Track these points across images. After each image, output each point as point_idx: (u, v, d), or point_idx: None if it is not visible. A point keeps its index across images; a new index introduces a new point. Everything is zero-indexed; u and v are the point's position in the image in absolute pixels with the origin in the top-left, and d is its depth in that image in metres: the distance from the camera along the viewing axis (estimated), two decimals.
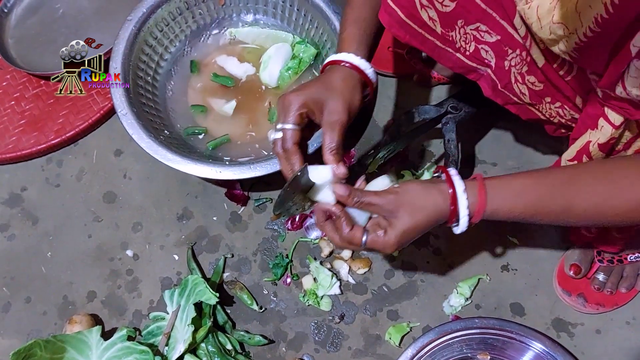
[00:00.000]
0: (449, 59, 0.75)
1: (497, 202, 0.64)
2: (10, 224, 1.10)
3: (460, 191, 0.65)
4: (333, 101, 0.70)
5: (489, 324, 0.90)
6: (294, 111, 0.69)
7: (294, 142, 0.70)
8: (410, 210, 0.65)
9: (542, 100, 0.75)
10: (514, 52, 0.70)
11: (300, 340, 0.97)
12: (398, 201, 0.65)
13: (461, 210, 0.65)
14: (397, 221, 0.65)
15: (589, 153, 0.67)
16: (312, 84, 0.72)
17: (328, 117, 0.70)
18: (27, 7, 1.28)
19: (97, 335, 0.91)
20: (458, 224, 0.66)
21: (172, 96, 1.13)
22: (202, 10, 1.14)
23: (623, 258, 0.93)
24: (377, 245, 0.66)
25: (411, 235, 0.66)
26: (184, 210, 1.08)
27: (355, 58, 0.73)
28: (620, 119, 0.61)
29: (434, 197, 0.65)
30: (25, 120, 1.17)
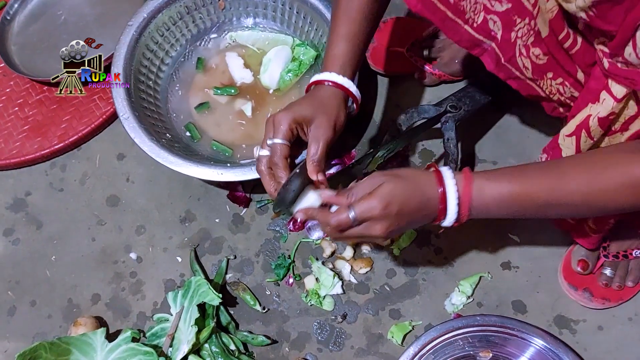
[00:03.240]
0: (457, 31, 0.75)
1: (482, 182, 0.65)
2: (14, 229, 1.11)
3: (444, 168, 0.67)
4: (320, 118, 0.74)
5: (491, 321, 0.91)
6: (285, 127, 0.73)
7: (284, 157, 0.73)
8: (395, 175, 0.66)
9: (543, 76, 0.75)
10: (523, 20, 0.71)
11: (303, 340, 0.98)
12: (383, 175, 0.67)
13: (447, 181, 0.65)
14: (381, 185, 0.65)
15: (588, 128, 0.67)
16: (300, 102, 0.76)
17: (315, 132, 0.74)
18: (30, 14, 1.30)
19: (101, 337, 0.92)
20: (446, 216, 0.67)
21: (173, 99, 1.14)
22: (202, 14, 1.15)
23: (628, 253, 0.94)
24: (365, 209, 0.64)
25: (399, 198, 0.64)
26: (187, 212, 1.09)
27: (338, 77, 0.77)
28: (623, 92, 0.61)
29: (420, 174, 0.67)
30: (29, 125, 1.18)
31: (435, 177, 0.66)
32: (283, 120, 0.73)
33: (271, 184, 0.74)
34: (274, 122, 0.74)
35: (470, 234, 1.03)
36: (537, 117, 1.09)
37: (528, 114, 1.11)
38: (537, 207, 0.65)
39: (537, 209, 0.66)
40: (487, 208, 0.66)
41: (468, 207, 0.66)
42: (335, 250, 1.03)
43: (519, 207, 0.66)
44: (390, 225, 0.66)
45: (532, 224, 1.03)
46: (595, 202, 0.63)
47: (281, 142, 0.73)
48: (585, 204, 0.64)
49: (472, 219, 0.69)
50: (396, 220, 0.66)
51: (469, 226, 1.02)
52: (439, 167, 0.67)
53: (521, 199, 0.65)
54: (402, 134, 1.01)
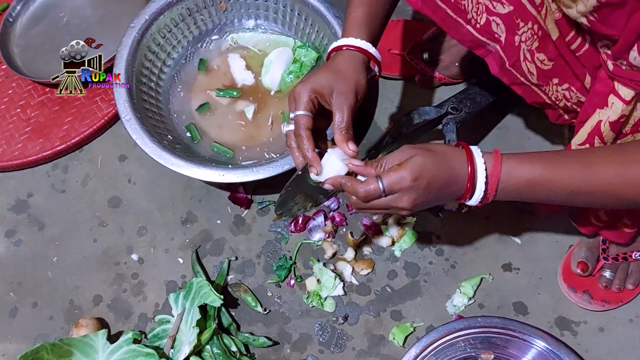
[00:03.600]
0: (459, 31, 0.75)
1: (512, 164, 0.63)
2: (16, 230, 1.11)
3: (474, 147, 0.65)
4: (340, 84, 0.71)
5: (492, 322, 0.91)
6: (305, 98, 0.71)
7: (306, 128, 0.70)
8: (427, 149, 0.64)
9: (549, 82, 0.75)
10: (526, 25, 0.70)
11: (305, 342, 0.98)
12: (415, 148, 0.65)
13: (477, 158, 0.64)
14: (412, 158, 0.63)
15: (600, 134, 0.66)
16: (318, 71, 0.74)
17: (337, 100, 0.71)
18: (32, 17, 1.30)
19: (103, 338, 0.92)
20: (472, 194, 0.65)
21: (175, 101, 1.14)
22: (203, 16, 1.15)
23: (628, 256, 0.94)
24: (394, 180, 0.63)
25: (428, 173, 0.63)
26: (188, 214, 1.09)
27: (356, 41, 0.75)
28: (631, 94, 0.61)
29: (452, 151, 0.65)
30: (31, 127, 1.18)
31: (465, 154, 0.65)
32: (302, 92, 0.71)
33: (300, 159, 0.72)
34: (295, 96, 0.72)
35: (471, 235, 1.03)
36: (538, 119, 1.09)
37: (529, 115, 1.12)
38: (565, 194, 0.64)
39: (565, 195, 0.64)
40: (515, 190, 0.65)
41: (495, 187, 0.64)
42: (337, 251, 1.03)
43: (547, 192, 0.64)
44: (417, 197, 0.64)
45: (533, 226, 1.03)
46: (625, 194, 0.61)
47: (302, 113, 0.70)
48: (613, 195, 0.62)
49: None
50: (424, 193, 0.64)
51: (470, 227, 1.03)
52: (470, 146, 0.66)
53: (550, 185, 0.63)
54: (403, 135, 1.01)
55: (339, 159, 0.69)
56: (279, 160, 0.96)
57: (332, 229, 1.04)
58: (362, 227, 1.04)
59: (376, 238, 1.04)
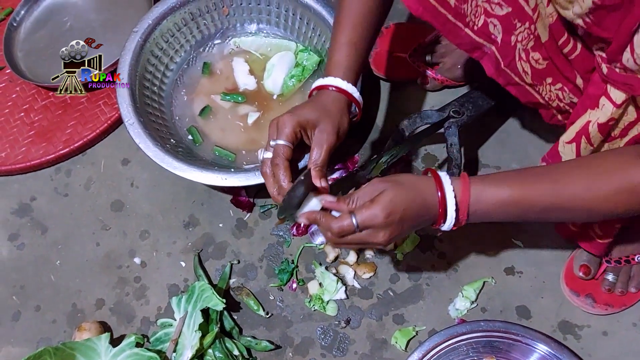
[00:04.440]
0: (457, 34, 0.76)
1: (481, 187, 0.65)
2: (19, 234, 1.11)
3: (443, 174, 0.67)
4: (325, 122, 0.75)
5: (495, 326, 0.91)
6: (288, 130, 0.73)
7: (285, 158, 0.73)
8: (397, 182, 0.67)
9: (542, 81, 0.76)
10: (523, 25, 0.71)
11: (307, 345, 0.98)
12: (384, 179, 0.68)
13: (446, 186, 0.66)
14: (382, 193, 0.66)
15: (587, 134, 0.67)
16: (304, 106, 0.76)
17: (318, 137, 0.74)
18: (36, 21, 1.31)
19: (105, 342, 0.92)
20: (445, 220, 0.67)
21: (177, 105, 1.14)
22: (206, 20, 1.16)
23: (630, 259, 0.93)
24: (367, 216, 0.65)
25: (400, 206, 0.65)
26: (191, 217, 1.10)
27: (342, 82, 0.78)
28: (623, 97, 0.61)
29: (420, 180, 0.68)
30: (34, 131, 1.19)
31: (434, 183, 0.67)
32: (287, 122, 0.73)
33: (274, 186, 0.75)
34: (278, 125, 0.74)
35: (473, 239, 1.03)
36: (540, 122, 1.08)
37: (530, 118, 1.11)
38: (536, 212, 0.66)
39: (536, 213, 0.66)
40: (486, 213, 0.67)
41: (466, 211, 0.67)
42: (339, 255, 1.03)
43: (518, 211, 0.66)
44: (392, 232, 0.67)
45: (535, 229, 1.03)
46: (594, 207, 0.63)
47: (284, 144, 0.73)
48: (584, 209, 0.64)
49: (474, 223, 0.69)
50: (398, 226, 0.66)
51: (472, 231, 1.03)
52: (438, 172, 0.68)
53: (520, 204, 0.65)
54: (406, 139, 1.01)
55: (314, 196, 0.72)
56: None
57: None
58: None
59: None
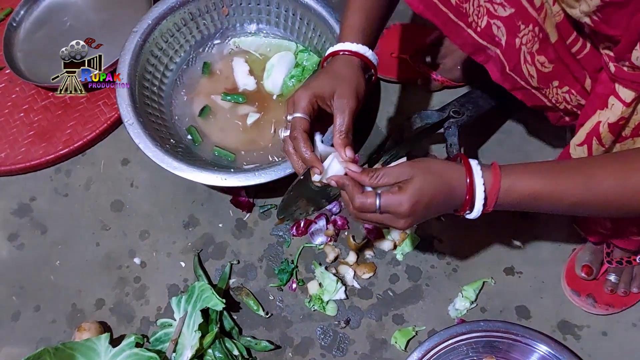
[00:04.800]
0: (460, 34, 0.75)
1: (512, 179, 0.63)
2: (19, 234, 1.11)
3: (474, 163, 0.65)
4: (340, 88, 0.72)
5: (495, 326, 0.91)
6: (304, 102, 0.71)
7: (303, 130, 0.70)
8: (427, 171, 0.64)
9: (549, 84, 0.75)
10: (527, 27, 0.70)
11: (307, 346, 0.98)
12: (413, 165, 0.65)
13: (476, 179, 0.64)
14: (412, 181, 0.64)
15: (598, 135, 0.66)
16: (318, 77, 0.74)
17: (338, 103, 0.72)
18: (35, 21, 1.31)
19: (105, 342, 0.92)
20: (472, 208, 0.65)
21: (177, 105, 1.14)
22: (206, 20, 1.16)
23: (632, 259, 0.93)
24: (392, 203, 0.64)
25: (427, 197, 0.63)
26: (190, 217, 1.10)
27: (352, 45, 0.76)
28: (632, 96, 0.61)
29: (450, 169, 0.65)
30: (34, 131, 1.19)
31: (465, 174, 0.64)
32: (302, 95, 0.71)
33: (299, 164, 0.72)
34: (294, 100, 0.72)
35: (473, 239, 1.03)
36: (540, 122, 1.09)
37: (530, 118, 1.11)
38: (567, 205, 0.64)
39: (566, 207, 0.64)
40: (514, 204, 0.65)
41: (494, 202, 0.64)
42: (339, 255, 1.03)
43: (548, 204, 0.64)
44: (414, 220, 0.65)
45: (535, 229, 1.03)
46: (626, 203, 0.62)
47: (300, 116, 0.71)
48: (615, 205, 0.62)
49: (476, 220, 0.68)
50: (421, 215, 0.65)
51: (472, 231, 1.03)
52: (470, 160, 0.65)
53: (551, 198, 0.63)
54: (406, 139, 1.01)
55: (339, 161, 0.69)
56: (280, 164, 0.96)
57: (333, 233, 1.04)
58: (364, 230, 1.04)
59: (378, 242, 1.04)
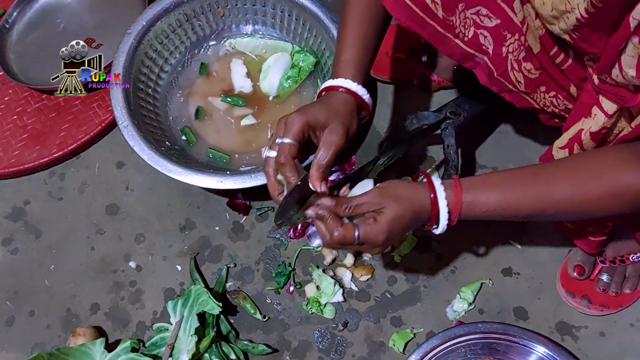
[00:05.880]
0: (448, 45, 0.75)
1: (472, 194, 0.67)
2: (13, 238, 1.10)
3: (437, 184, 0.69)
4: (334, 123, 0.73)
5: (493, 328, 0.90)
6: (297, 128, 0.71)
7: (292, 157, 0.71)
8: (396, 199, 0.68)
9: (537, 89, 0.76)
10: (513, 36, 0.71)
11: (304, 349, 0.97)
12: (383, 194, 0.69)
13: (440, 201, 0.68)
14: (385, 210, 0.68)
15: (580, 141, 0.67)
16: (314, 105, 0.75)
17: (327, 137, 0.73)
18: (29, 23, 1.29)
19: (100, 347, 0.92)
20: (438, 224, 0.70)
21: (172, 107, 1.14)
22: (201, 22, 1.15)
23: (625, 258, 0.93)
24: (370, 234, 0.68)
25: (399, 224, 0.68)
26: (186, 220, 1.09)
27: (352, 84, 0.76)
28: (614, 108, 0.61)
29: (416, 190, 0.70)
30: (28, 134, 1.18)
31: (430, 195, 0.69)
32: (296, 121, 0.71)
33: (276, 187, 0.73)
34: (287, 123, 0.72)
35: (471, 240, 1.03)
36: (536, 123, 1.08)
37: (527, 119, 1.11)
38: (525, 214, 0.68)
39: (525, 216, 0.68)
40: (477, 216, 0.69)
41: (457, 217, 0.69)
42: (336, 257, 1.03)
43: (509, 214, 0.68)
44: (388, 245, 0.71)
45: (532, 230, 1.03)
46: (582, 210, 0.65)
47: (290, 142, 0.71)
48: (572, 211, 0.66)
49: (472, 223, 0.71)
50: (394, 239, 0.70)
51: (469, 233, 1.03)
52: (432, 180, 0.70)
53: (510, 209, 0.67)
54: (402, 140, 1.00)
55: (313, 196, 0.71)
56: None
57: None
58: None
59: None
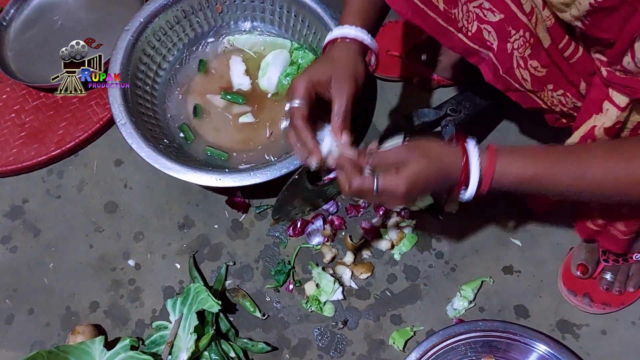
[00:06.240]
0: (450, 38, 0.74)
1: (507, 162, 0.63)
2: (12, 236, 1.10)
3: (471, 146, 0.65)
4: (338, 72, 0.71)
5: (493, 326, 0.90)
6: (301, 89, 0.70)
7: (301, 117, 0.70)
8: (424, 155, 0.64)
9: (544, 88, 0.74)
10: (517, 32, 0.69)
11: (304, 347, 0.97)
12: (410, 149, 0.65)
13: (472, 162, 0.63)
14: (410, 163, 0.64)
15: (594, 138, 0.66)
16: (316, 63, 0.74)
17: (336, 87, 0.71)
18: (26, 20, 1.29)
19: (100, 345, 0.91)
20: (467, 187, 0.65)
21: (171, 104, 1.13)
22: (199, 18, 1.14)
23: (628, 257, 0.93)
24: (390, 185, 0.64)
25: (423, 179, 0.64)
26: (185, 218, 1.08)
27: (351, 29, 0.74)
28: (626, 101, 0.60)
29: (447, 149, 0.65)
30: (26, 132, 1.17)
31: (460, 156, 0.64)
32: (299, 83, 0.70)
33: (304, 152, 0.71)
34: (292, 88, 0.71)
35: (471, 238, 1.02)
36: (537, 121, 1.08)
37: (528, 117, 1.10)
38: (557, 191, 0.65)
39: (557, 193, 0.65)
40: (509, 185, 0.65)
41: (488, 186, 0.64)
42: (336, 255, 1.02)
43: (539, 189, 0.65)
44: (408, 200, 0.66)
45: (534, 228, 1.02)
46: (619, 191, 0.62)
47: (297, 104, 0.70)
48: (607, 192, 0.63)
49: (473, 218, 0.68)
50: (416, 195, 0.66)
51: (470, 230, 1.02)
52: (466, 142, 0.65)
53: (542, 184, 0.63)
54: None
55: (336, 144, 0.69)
56: (276, 164, 0.95)
57: (331, 233, 1.03)
58: (361, 230, 1.03)
59: (375, 241, 1.03)
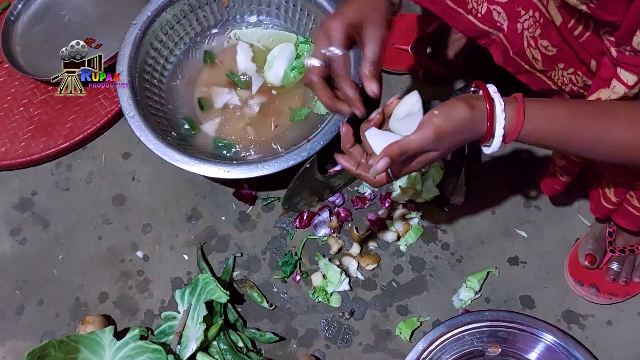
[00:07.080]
0: (460, 21, 0.74)
1: (536, 122, 0.62)
2: (21, 228, 1.11)
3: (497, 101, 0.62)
4: (372, 15, 0.68)
5: (499, 316, 0.91)
6: (340, 34, 0.67)
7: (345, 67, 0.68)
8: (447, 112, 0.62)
9: (554, 67, 0.74)
10: (527, 13, 0.69)
11: (311, 337, 0.98)
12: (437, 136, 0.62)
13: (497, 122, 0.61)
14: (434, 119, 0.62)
15: None
16: (347, 6, 0.70)
17: (370, 31, 0.68)
18: (34, 15, 1.30)
19: (110, 335, 0.92)
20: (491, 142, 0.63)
21: (178, 97, 1.14)
22: (205, 12, 1.15)
23: (635, 247, 0.93)
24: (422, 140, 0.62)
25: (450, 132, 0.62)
26: (193, 210, 1.09)
27: None
28: (635, 79, 0.60)
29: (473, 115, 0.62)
30: (34, 125, 1.18)
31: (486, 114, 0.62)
32: (337, 26, 0.66)
33: (327, 93, 0.69)
34: (328, 30, 0.67)
35: (477, 229, 1.03)
36: None
37: None
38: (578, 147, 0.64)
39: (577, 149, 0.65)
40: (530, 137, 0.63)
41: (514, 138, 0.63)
42: (342, 246, 1.03)
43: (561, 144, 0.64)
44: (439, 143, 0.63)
45: (539, 219, 1.03)
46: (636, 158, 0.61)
47: (341, 52, 0.66)
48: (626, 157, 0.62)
49: (476, 209, 0.67)
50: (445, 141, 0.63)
51: (476, 221, 1.03)
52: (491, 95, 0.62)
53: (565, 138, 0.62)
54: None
55: None
56: (284, 156, 0.96)
57: (337, 225, 1.04)
58: (367, 222, 1.04)
59: (381, 233, 1.03)
